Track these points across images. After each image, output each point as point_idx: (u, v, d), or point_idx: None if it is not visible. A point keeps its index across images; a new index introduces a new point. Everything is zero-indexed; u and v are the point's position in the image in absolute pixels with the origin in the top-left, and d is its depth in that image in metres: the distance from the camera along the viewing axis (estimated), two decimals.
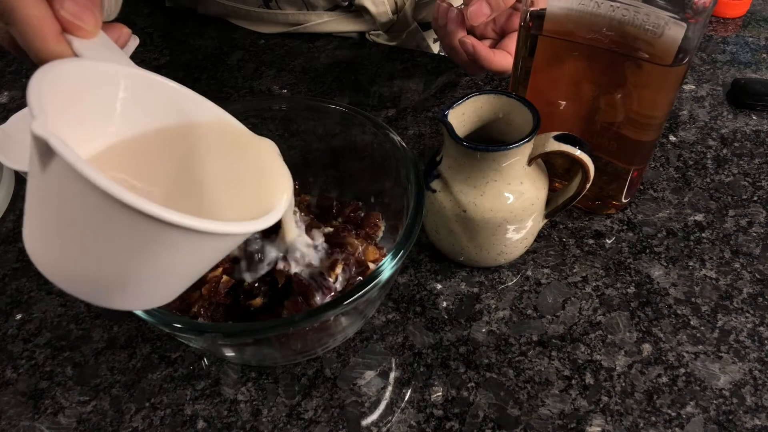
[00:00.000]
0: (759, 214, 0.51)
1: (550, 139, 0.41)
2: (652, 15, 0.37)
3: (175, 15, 0.79)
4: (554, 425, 0.38)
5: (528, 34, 0.43)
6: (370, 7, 0.68)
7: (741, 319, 0.43)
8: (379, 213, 0.46)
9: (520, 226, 0.43)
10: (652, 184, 0.53)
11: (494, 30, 0.56)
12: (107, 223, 0.24)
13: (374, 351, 0.43)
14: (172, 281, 0.29)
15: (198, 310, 0.39)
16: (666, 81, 0.40)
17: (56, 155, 0.22)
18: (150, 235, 0.24)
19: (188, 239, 0.25)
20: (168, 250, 0.25)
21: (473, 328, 0.44)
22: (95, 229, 0.24)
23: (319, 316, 0.33)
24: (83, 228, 0.25)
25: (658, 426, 0.38)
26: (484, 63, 0.52)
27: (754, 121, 0.59)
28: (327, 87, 0.66)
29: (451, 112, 0.41)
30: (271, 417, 0.39)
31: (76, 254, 0.26)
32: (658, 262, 0.47)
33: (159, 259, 0.26)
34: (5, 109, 0.65)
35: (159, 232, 0.24)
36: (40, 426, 0.40)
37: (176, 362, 0.43)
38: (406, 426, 0.39)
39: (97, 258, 0.26)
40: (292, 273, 0.39)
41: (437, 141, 0.58)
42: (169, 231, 0.24)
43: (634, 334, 0.43)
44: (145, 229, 0.24)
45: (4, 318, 0.46)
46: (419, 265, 0.48)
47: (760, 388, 0.40)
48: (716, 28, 0.72)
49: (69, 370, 0.43)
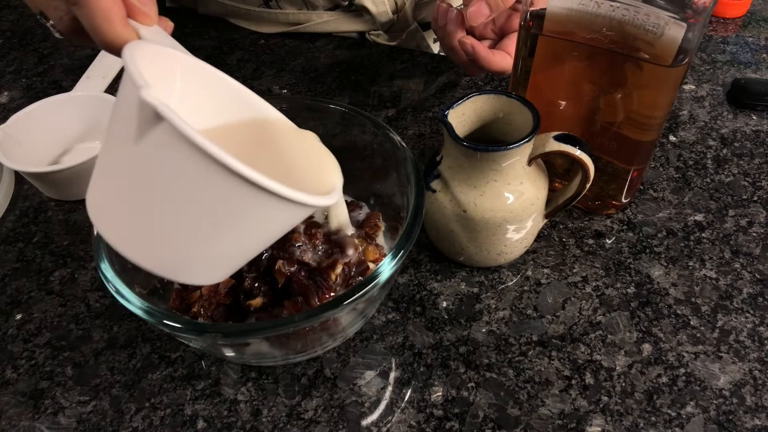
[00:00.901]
0: (759, 214, 0.51)
1: (550, 139, 0.41)
2: (652, 15, 0.37)
3: (175, 15, 0.79)
4: (554, 425, 0.38)
5: (528, 33, 0.43)
6: (370, 6, 0.68)
7: (741, 319, 0.43)
8: (379, 213, 0.46)
9: (520, 226, 0.43)
10: (652, 184, 0.53)
11: (494, 30, 0.56)
12: (204, 190, 0.25)
13: (374, 351, 0.43)
14: (245, 252, 0.30)
15: (198, 310, 0.39)
16: (666, 81, 0.40)
17: (162, 123, 0.23)
18: (245, 202, 0.25)
19: (276, 208, 0.26)
20: (255, 219, 0.27)
21: (473, 328, 0.44)
22: (190, 197, 0.25)
23: (319, 316, 0.33)
24: (177, 196, 0.26)
25: (658, 426, 0.38)
26: (483, 63, 0.52)
27: (754, 121, 0.59)
28: (327, 87, 0.66)
29: (451, 112, 0.41)
30: (271, 417, 0.39)
31: (162, 224, 0.27)
32: (658, 262, 0.47)
33: (244, 228, 0.27)
34: (5, 109, 0.65)
35: (253, 199, 0.25)
36: (40, 426, 0.40)
37: (176, 362, 0.43)
38: (406, 426, 0.39)
39: (184, 227, 0.27)
40: (291, 272, 0.39)
41: (437, 141, 0.58)
42: (262, 198, 0.25)
43: (634, 334, 0.43)
44: (241, 196, 0.25)
45: (4, 318, 0.46)
46: (419, 265, 0.48)
47: (760, 388, 0.40)
48: (716, 28, 0.72)
49: (69, 370, 0.43)
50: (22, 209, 0.54)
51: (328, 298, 0.38)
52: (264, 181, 0.24)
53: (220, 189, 0.25)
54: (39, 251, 0.51)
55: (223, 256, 0.29)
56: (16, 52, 0.74)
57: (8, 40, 0.76)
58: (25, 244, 0.51)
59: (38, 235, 0.52)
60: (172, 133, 0.23)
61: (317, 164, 0.35)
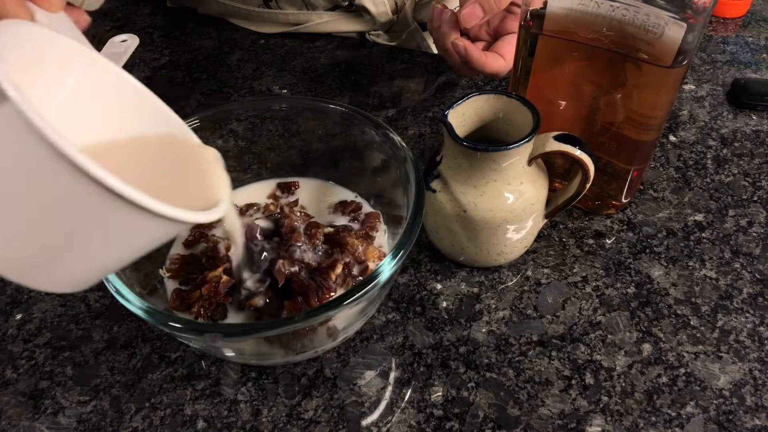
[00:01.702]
0: (759, 214, 0.51)
1: (550, 139, 0.41)
2: (652, 15, 0.37)
3: (175, 15, 0.79)
4: (554, 425, 0.38)
5: (528, 33, 0.43)
6: (370, 7, 0.68)
7: (741, 319, 0.43)
8: (379, 213, 0.46)
9: (520, 226, 0.43)
10: (652, 184, 0.53)
11: (488, 32, 0.56)
12: (49, 187, 0.22)
13: (374, 351, 0.43)
14: (104, 262, 0.27)
15: (198, 310, 0.39)
16: (666, 81, 0.40)
17: (6, 103, 0.20)
18: (97, 206, 0.23)
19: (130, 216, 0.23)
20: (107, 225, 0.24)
21: (473, 328, 0.44)
22: (37, 192, 0.23)
23: (319, 316, 0.33)
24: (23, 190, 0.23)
25: (658, 426, 0.38)
26: (476, 65, 0.52)
27: (754, 121, 0.59)
28: (327, 87, 0.66)
29: (451, 112, 0.41)
30: (271, 417, 0.39)
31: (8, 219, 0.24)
32: (658, 262, 0.47)
33: (100, 233, 0.24)
34: None
35: (107, 205, 0.22)
36: (40, 426, 0.40)
37: (176, 362, 0.43)
38: (406, 426, 0.39)
39: (30, 226, 0.24)
40: (291, 272, 0.39)
41: (437, 141, 0.58)
42: (113, 205, 0.22)
43: (634, 334, 0.43)
44: (95, 201, 0.22)
45: (4, 318, 0.46)
46: (419, 265, 0.48)
47: (760, 388, 0.40)
48: (716, 28, 0.72)
49: (69, 370, 0.43)
50: None
51: (328, 298, 0.38)
52: (115, 184, 0.21)
53: (66, 189, 0.22)
54: None
55: (77, 264, 0.26)
56: None
57: None
58: None
59: None
60: (16, 116, 0.20)
61: (210, 180, 0.32)
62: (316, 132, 0.47)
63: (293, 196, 0.48)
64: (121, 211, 0.23)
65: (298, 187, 0.49)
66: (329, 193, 0.48)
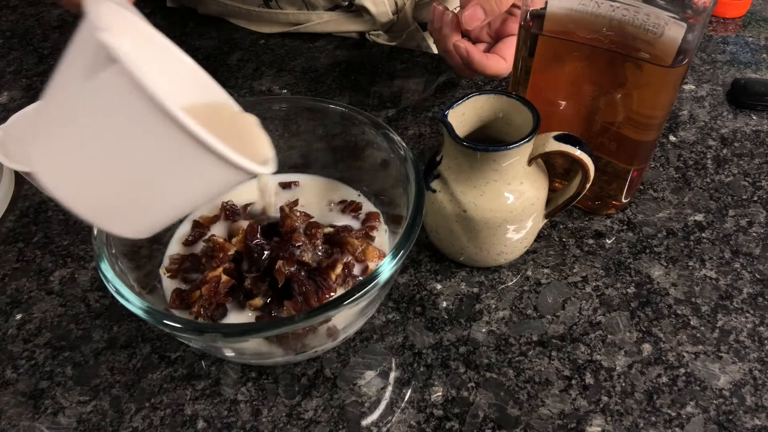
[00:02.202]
0: (759, 214, 0.51)
1: (550, 139, 0.41)
2: (652, 15, 0.37)
3: (175, 15, 0.79)
4: (554, 425, 0.38)
5: (528, 33, 0.43)
6: (370, 7, 0.68)
7: (741, 319, 0.43)
8: (379, 213, 0.46)
9: (520, 226, 0.43)
10: (652, 184, 0.53)
11: (489, 34, 0.56)
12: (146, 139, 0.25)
13: (374, 351, 0.43)
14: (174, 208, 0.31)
15: (198, 310, 0.39)
16: (666, 81, 0.40)
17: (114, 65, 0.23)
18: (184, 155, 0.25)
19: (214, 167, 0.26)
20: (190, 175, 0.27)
21: (473, 328, 0.44)
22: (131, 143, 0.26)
23: (319, 316, 0.33)
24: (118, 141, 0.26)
25: (658, 426, 0.38)
26: (477, 67, 0.52)
27: (754, 121, 0.59)
28: (327, 87, 0.66)
29: (451, 112, 0.41)
30: (271, 417, 0.39)
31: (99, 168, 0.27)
32: (658, 262, 0.47)
33: (178, 182, 0.28)
34: (5, 109, 0.65)
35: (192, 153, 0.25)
36: (40, 426, 0.40)
37: (176, 362, 0.43)
38: (406, 426, 0.39)
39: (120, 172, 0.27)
40: (291, 272, 0.39)
41: (437, 141, 0.58)
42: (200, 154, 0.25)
43: (634, 334, 0.43)
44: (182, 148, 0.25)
45: (4, 318, 0.46)
46: (419, 265, 0.48)
47: (760, 388, 0.40)
48: (716, 28, 0.72)
49: (69, 370, 0.43)
50: (22, 209, 0.54)
51: (328, 298, 0.38)
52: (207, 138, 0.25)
53: (162, 139, 0.25)
54: (39, 251, 0.51)
55: (153, 208, 0.30)
56: (16, 52, 0.74)
57: (8, 40, 0.76)
58: (25, 244, 0.51)
59: (38, 235, 0.52)
60: (123, 75, 0.23)
61: (256, 142, 0.36)
62: (316, 132, 0.47)
63: (292, 191, 0.48)
64: (204, 160, 0.26)
65: (298, 185, 0.49)
66: (330, 192, 0.48)
